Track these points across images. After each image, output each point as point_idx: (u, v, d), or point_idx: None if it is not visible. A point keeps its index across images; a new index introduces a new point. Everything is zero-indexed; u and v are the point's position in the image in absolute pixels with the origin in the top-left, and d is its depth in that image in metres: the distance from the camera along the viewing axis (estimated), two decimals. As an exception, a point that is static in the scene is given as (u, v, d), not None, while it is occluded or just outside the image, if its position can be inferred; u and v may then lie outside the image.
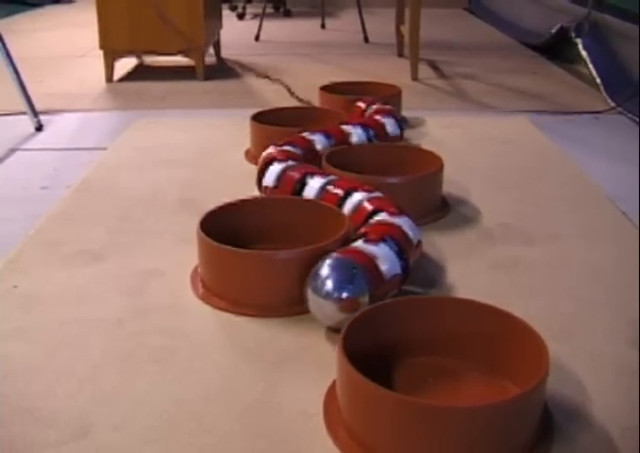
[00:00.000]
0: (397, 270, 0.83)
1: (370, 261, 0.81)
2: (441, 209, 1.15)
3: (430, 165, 1.14)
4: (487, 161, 1.40)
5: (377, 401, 0.63)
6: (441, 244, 1.04)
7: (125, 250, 1.03)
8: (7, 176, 1.45)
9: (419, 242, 0.93)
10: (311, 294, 0.78)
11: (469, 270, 0.97)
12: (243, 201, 1.00)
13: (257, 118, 1.41)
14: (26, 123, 1.72)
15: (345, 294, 0.76)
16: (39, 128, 1.73)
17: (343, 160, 1.14)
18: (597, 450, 0.67)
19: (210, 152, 1.45)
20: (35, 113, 1.73)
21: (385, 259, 0.82)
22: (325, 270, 0.78)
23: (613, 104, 1.93)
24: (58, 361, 0.79)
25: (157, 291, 0.92)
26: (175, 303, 0.89)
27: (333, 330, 0.81)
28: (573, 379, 0.77)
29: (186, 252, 0.98)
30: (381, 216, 0.93)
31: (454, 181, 1.24)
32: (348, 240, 0.88)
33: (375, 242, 0.85)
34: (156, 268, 0.98)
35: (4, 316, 0.88)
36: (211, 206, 0.97)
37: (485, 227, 1.11)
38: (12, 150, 1.61)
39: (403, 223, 0.91)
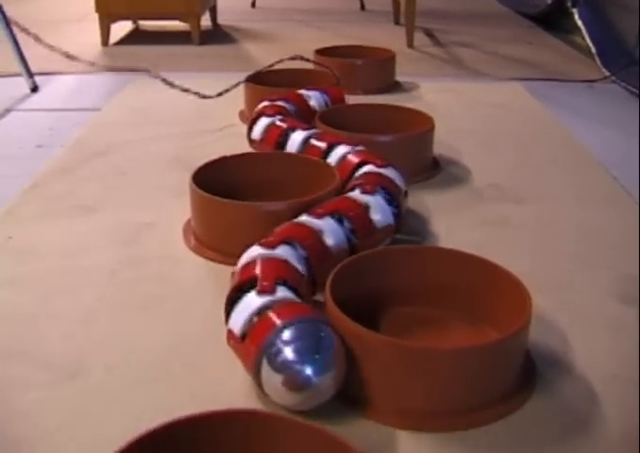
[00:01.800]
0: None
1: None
2: (432, 168, 1.16)
3: (422, 125, 1.15)
4: (479, 125, 1.41)
5: (364, 344, 0.64)
6: (430, 202, 1.06)
7: (118, 204, 1.04)
8: (2, 136, 1.46)
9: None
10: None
11: (458, 226, 0.99)
12: (233, 156, 1.01)
13: (251, 79, 1.42)
14: (22, 84, 1.73)
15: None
16: (34, 89, 1.73)
17: (336, 120, 1.15)
18: (576, 397, 0.69)
19: (203, 112, 1.46)
20: (30, 74, 1.73)
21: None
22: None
23: (607, 73, 1.94)
24: (53, 308, 0.81)
25: (150, 242, 0.94)
26: (167, 254, 0.91)
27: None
28: (557, 331, 0.79)
29: (178, 206, 0.99)
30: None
31: (446, 143, 1.25)
32: (339, 193, 0.89)
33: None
34: (149, 221, 0.99)
35: (-1, 265, 0.89)
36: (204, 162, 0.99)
37: (475, 187, 1.12)
38: (8, 110, 1.61)
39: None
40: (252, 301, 0.67)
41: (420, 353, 0.64)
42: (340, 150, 1.00)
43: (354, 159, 0.98)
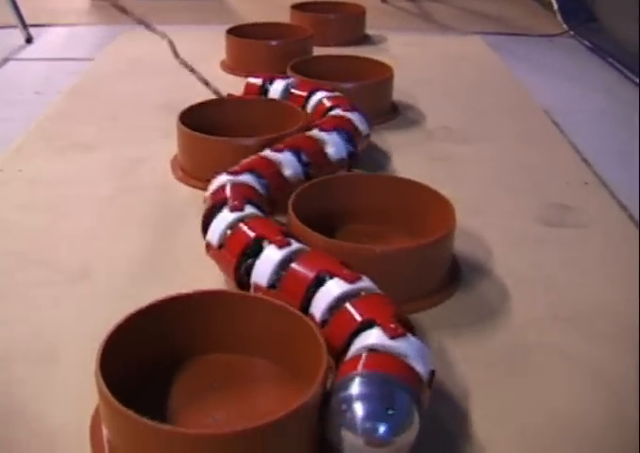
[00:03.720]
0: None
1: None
2: (391, 112, 1.31)
3: (382, 74, 1.30)
4: (438, 75, 1.56)
5: (328, 249, 0.79)
6: (388, 141, 1.21)
7: (114, 142, 1.19)
8: (2, 83, 1.60)
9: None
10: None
11: (411, 160, 1.14)
12: (213, 100, 1.16)
13: (232, 32, 1.56)
14: (17, 35, 1.85)
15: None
16: (29, 40, 1.85)
17: (306, 69, 1.29)
18: (492, 294, 0.85)
19: (188, 62, 1.59)
20: (25, 26, 1.85)
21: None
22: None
23: (566, 28, 2.08)
24: (61, 226, 0.96)
25: (142, 173, 1.09)
26: (157, 183, 1.06)
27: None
28: (483, 245, 0.94)
29: (166, 144, 1.13)
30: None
31: (405, 91, 1.39)
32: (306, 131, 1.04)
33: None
34: (141, 156, 1.14)
35: (12, 193, 1.04)
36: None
37: (429, 129, 1.27)
38: (5, 60, 1.74)
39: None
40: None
41: (354, 252, 0.79)
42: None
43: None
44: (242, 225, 0.79)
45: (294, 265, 0.72)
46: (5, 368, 0.72)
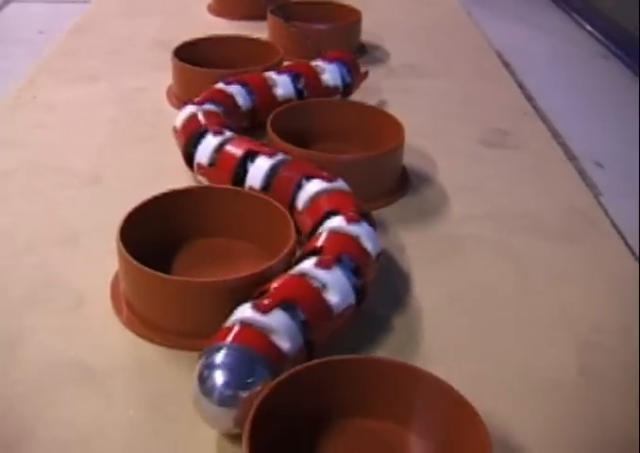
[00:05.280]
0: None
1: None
2: (360, 52, 1.47)
3: (352, 17, 1.46)
4: (404, 18, 1.72)
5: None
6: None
7: (116, 74, 1.35)
8: (5, 24, 1.75)
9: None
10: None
11: (373, 92, 1.30)
12: (205, 38, 1.31)
13: None
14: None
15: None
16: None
17: (283, 13, 1.45)
18: (435, 199, 1.04)
19: (177, 5, 1.74)
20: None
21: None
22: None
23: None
24: (74, 141, 1.12)
25: (142, 100, 1.25)
26: (155, 108, 1.23)
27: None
28: (430, 159, 1.12)
29: (162, 77, 1.29)
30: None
31: (373, 32, 1.56)
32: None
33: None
34: (140, 86, 1.30)
35: (30, 115, 1.20)
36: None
37: (392, 66, 1.44)
38: (5, 2, 1.88)
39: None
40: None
41: (329, 160, 0.96)
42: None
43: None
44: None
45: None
46: (37, 250, 0.89)
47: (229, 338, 0.63)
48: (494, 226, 0.99)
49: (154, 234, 0.82)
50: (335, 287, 0.72)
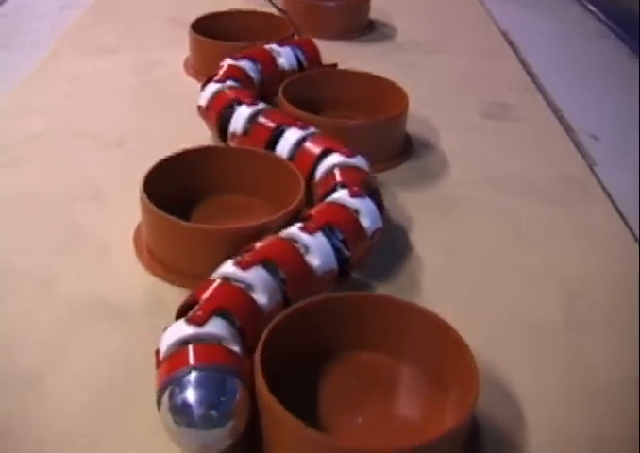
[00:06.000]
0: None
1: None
2: (368, 28, 1.54)
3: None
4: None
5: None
6: (364, 52, 1.43)
7: (134, 48, 1.41)
8: (28, 1, 1.81)
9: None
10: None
11: (380, 67, 1.34)
12: (221, 13, 1.38)
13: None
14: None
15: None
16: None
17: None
18: (436, 164, 1.10)
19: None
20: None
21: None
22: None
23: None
24: (97, 109, 1.19)
25: (159, 72, 1.32)
26: (173, 79, 1.29)
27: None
28: (431, 127, 1.18)
29: (178, 50, 1.36)
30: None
31: (381, 10, 1.61)
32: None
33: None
34: (158, 59, 1.37)
35: (55, 85, 1.27)
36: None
37: (399, 42, 1.51)
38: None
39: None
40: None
41: (339, 124, 1.03)
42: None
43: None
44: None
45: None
46: (65, 205, 0.96)
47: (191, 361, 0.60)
48: (490, 190, 1.05)
49: (174, 189, 0.88)
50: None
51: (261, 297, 0.69)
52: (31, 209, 0.95)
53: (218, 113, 1.03)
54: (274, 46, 1.19)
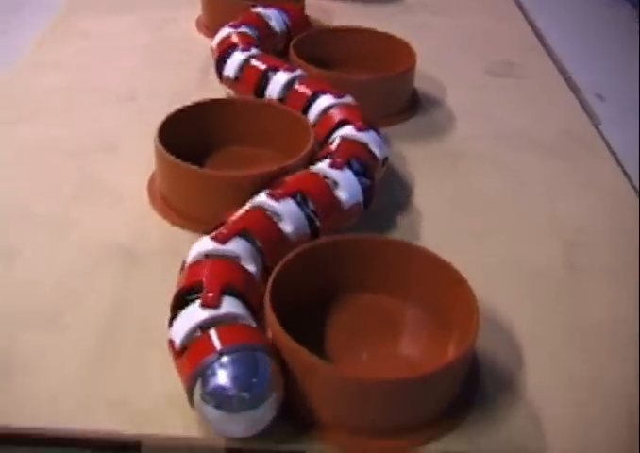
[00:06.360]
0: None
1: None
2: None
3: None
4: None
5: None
6: (373, 14, 1.45)
7: (146, 7, 1.42)
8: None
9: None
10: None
11: (389, 27, 1.36)
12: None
13: None
14: None
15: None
16: None
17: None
18: (442, 119, 1.12)
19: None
20: None
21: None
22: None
23: None
24: (111, 64, 1.21)
25: (172, 29, 1.33)
26: (185, 36, 1.31)
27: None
28: (437, 85, 1.20)
29: (192, 9, 1.36)
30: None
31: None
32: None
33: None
34: (170, 17, 1.38)
35: (70, 43, 1.29)
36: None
37: (408, 3, 1.52)
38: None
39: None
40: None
41: (346, 79, 1.05)
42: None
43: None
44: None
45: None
46: (81, 156, 0.99)
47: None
48: (495, 145, 1.08)
49: (186, 140, 0.90)
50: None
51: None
52: (48, 159, 0.98)
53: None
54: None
